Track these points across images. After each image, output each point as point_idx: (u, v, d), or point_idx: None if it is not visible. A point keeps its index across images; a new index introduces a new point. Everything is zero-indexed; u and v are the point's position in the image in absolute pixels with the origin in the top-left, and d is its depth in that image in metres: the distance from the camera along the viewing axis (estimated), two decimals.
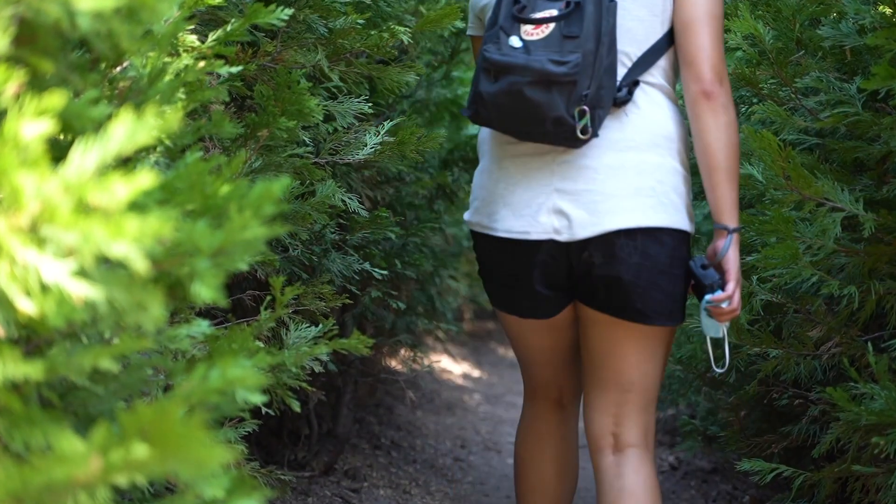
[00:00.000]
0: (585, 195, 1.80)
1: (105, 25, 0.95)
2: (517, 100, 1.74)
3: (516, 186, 1.86)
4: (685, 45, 1.81)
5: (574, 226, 1.80)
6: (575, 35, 1.73)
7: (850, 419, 1.74)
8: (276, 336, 1.77)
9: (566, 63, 1.72)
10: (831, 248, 1.88)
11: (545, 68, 1.71)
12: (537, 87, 1.73)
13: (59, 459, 0.75)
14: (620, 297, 1.82)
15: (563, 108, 1.72)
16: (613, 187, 1.80)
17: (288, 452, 2.89)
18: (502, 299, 1.96)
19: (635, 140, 1.82)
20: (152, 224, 0.78)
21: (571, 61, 1.71)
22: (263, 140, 1.72)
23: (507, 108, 1.76)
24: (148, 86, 1.18)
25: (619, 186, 1.80)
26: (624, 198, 1.79)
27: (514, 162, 1.87)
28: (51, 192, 0.79)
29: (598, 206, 1.79)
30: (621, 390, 1.88)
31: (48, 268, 0.80)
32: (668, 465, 3.51)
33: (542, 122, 1.74)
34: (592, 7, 1.74)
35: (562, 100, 1.72)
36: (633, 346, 1.87)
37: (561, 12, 1.74)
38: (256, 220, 0.92)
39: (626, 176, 1.80)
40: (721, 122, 1.79)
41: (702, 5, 1.80)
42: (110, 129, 0.82)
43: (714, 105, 1.79)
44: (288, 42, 1.92)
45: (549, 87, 1.72)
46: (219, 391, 0.87)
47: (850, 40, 1.97)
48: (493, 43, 1.77)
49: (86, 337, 0.97)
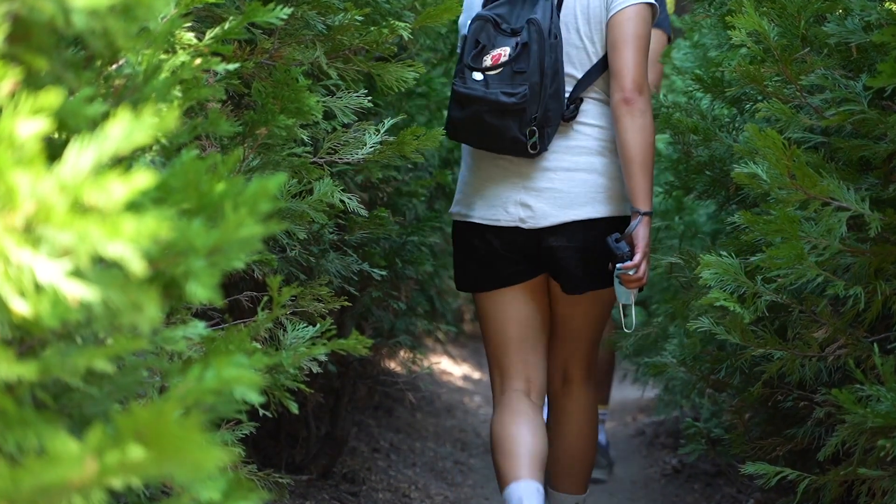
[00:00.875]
0: (547, 192, 2.32)
1: (100, 23, 0.95)
2: (479, 124, 2.25)
3: (490, 183, 2.37)
4: (613, 61, 2.27)
5: (537, 217, 2.33)
6: (523, 71, 2.22)
7: (855, 421, 1.74)
8: (274, 337, 1.78)
9: (516, 94, 2.21)
10: (837, 248, 1.88)
11: (499, 99, 2.21)
12: (494, 115, 2.23)
13: (53, 461, 0.76)
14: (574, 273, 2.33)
15: (516, 130, 2.23)
16: (569, 186, 2.32)
17: (286, 455, 2.90)
18: (478, 279, 2.43)
19: (587, 146, 2.33)
20: (149, 224, 0.79)
21: (520, 93, 2.21)
22: (261, 138, 1.72)
23: (473, 130, 2.27)
24: (144, 83, 1.19)
25: (573, 185, 2.32)
26: (577, 195, 2.31)
27: (490, 164, 2.37)
28: (46, 192, 0.79)
29: (557, 202, 2.31)
30: (573, 340, 2.47)
31: (43, 268, 0.80)
32: (672, 467, 3.52)
33: (502, 140, 2.25)
34: (537, 47, 2.22)
35: (514, 124, 2.22)
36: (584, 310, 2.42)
37: (511, 53, 2.23)
38: (252, 217, 0.92)
39: (579, 176, 2.32)
40: (637, 124, 2.25)
41: (628, 28, 2.27)
42: (107, 129, 0.82)
43: (632, 110, 2.25)
44: (286, 39, 1.92)
45: (503, 115, 2.22)
46: (215, 391, 0.88)
47: (856, 37, 1.97)
48: (460, 77, 2.26)
49: (80, 338, 0.97)
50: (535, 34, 2.23)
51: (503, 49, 2.25)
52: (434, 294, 3.73)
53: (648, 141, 2.26)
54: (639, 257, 2.23)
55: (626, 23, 2.29)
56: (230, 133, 1.49)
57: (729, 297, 1.99)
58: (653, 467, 3.64)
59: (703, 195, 2.63)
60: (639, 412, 4.64)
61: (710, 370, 2.58)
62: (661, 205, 3.73)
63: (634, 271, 2.23)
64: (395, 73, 2.06)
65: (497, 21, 2.28)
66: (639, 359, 3.80)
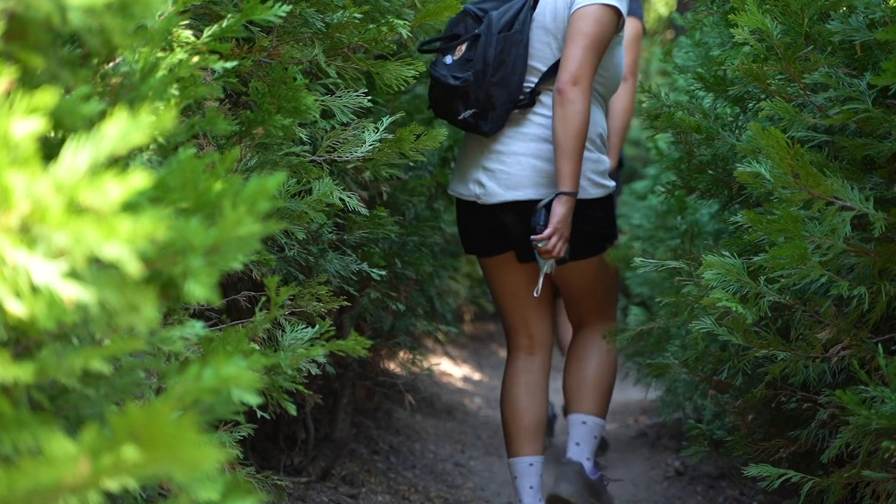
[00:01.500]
0: (498, 173, 2.64)
1: (97, 20, 0.95)
2: (438, 102, 2.61)
3: (463, 159, 2.73)
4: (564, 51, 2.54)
5: (488, 194, 2.64)
6: (470, 59, 2.56)
7: (860, 423, 1.75)
8: (272, 338, 1.78)
9: (460, 79, 2.55)
10: (841, 248, 1.88)
11: (447, 82, 2.56)
12: (446, 95, 2.57)
13: (48, 462, 0.76)
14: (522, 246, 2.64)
15: (462, 110, 2.56)
16: (515, 169, 2.62)
17: (284, 457, 2.90)
18: (470, 244, 2.80)
19: (537, 134, 2.62)
20: (145, 225, 0.79)
21: (463, 77, 2.54)
22: (259, 137, 1.72)
23: (437, 107, 2.63)
24: (140, 82, 1.19)
25: (520, 169, 2.62)
26: (522, 178, 2.61)
27: (467, 142, 2.74)
28: (42, 192, 0.79)
29: (503, 183, 2.63)
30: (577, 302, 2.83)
31: (38, 269, 0.80)
32: (674, 469, 3.52)
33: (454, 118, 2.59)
34: (484, 39, 2.53)
35: (461, 105, 2.56)
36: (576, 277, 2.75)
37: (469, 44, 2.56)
38: (251, 216, 0.92)
39: (526, 161, 2.62)
40: (566, 112, 2.50)
41: (579, 26, 2.53)
42: (104, 128, 0.83)
43: (563, 99, 2.50)
44: (284, 37, 1.92)
45: (453, 96, 2.56)
46: (212, 391, 0.88)
47: (861, 35, 1.97)
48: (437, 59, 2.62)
49: (77, 338, 0.97)
50: (485, 27, 2.56)
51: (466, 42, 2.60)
52: (434, 294, 3.73)
53: (574, 129, 2.51)
54: (548, 231, 2.52)
55: (579, 21, 2.55)
56: (228, 132, 1.49)
57: (731, 298, 1.99)
58: (655, 469, 3.64)
59: (706, 195, 2.63)
60: (641, 413, 4.64)
61: (712, 371, 2.58)
62: (663, 204, 3.73)
63: (544, 243, 2.52)
64: (394, 72, 2.06)
65: (478, 15, 2.61)
66: (641, 359, 3.80)
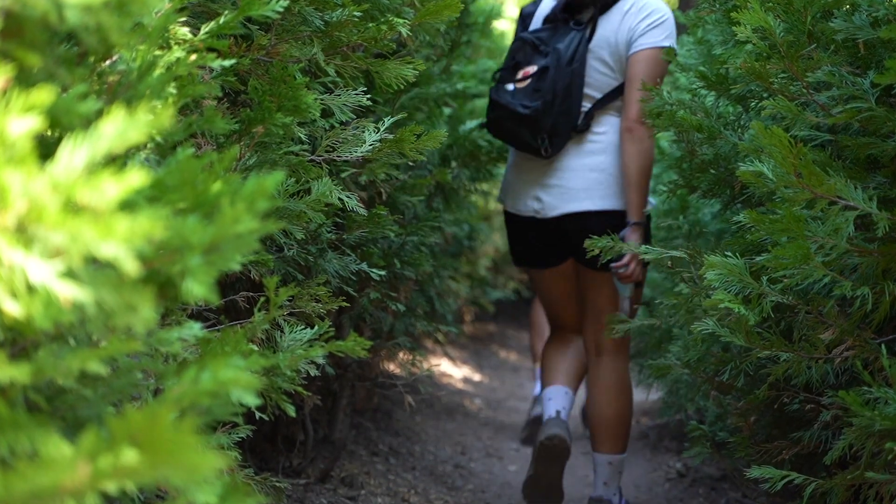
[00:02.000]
0: (556, 188, 2.89)
1: (93, 18, 0.95)
2: (501, 126, 2.88)
3: (518, 178, 2.97)
4: (625, 93, 2.83)
5: (546, 208, 2.90)
6: (539, 89, 2.79)
7: (863, 424, 1.74)
8: (271, 339, 1.78)
9: (530, 108, 2.79)
10: (844, 248, 1.88)
11: (516, 110, 2.80)
12: (512, 121, 2.82)
13: (45, 465, 0.76)
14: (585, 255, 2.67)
15: (528, 136, 2.82)
16: (573, 183, 2.87)
17: (283, 459, 2.90)
18: (520, 256, 3.07)
19: (591, 149, 2.88)
20: (143, 224, 0.79)
21: (534, 107, 2.78)
22: (258, 136, 1.72)
23: (498, 130, 2.91)
24: (138, 80, 1.19)
25: (575, 182, 2.87)
26: (579, 191, 2.86)
27: (521, 161, 2.97)
28: (38, 191, 0.79)
29: (561, 196, 2.88)
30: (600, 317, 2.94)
31: (35, 268, 0.80)
32: (676, 471, 3.51)
33: (518, 142, 2.87)
34: (554, 71, 2.79)
35: (527, 131, 2.80)
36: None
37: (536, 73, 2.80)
38: (249, 215, 0.92)
39: (580, 174, 2.87)
40: (636, 149, 2.80)
41: (639, 69, 2.82)
42: (101, 127, 0.82)
43: (633, 137, 2.81)
44: (283, 35, 1.92)
45: (519, 122, 2.81)
46: (211, 393, 0.88)
47: (864, 33, 1.97)
48: (497, 85, 2.87)
49: (73, 339, 0.97)
50: (554, 61, 2.80)
51: (532, 67, 2.84)
52: (434, 295, 3.73)
53: (644, 164, 2.82)
54: (626, 259, 2.78)
55: (639, 63, 2.84)
56: (226, 131, 1.49)
57: (734, 299, 1.98)
58: (657, 471, 3.64)
59: (708, 194, 2.63)
60: (642, 415, 4.64)
61: (714, 372, 2.57)
62: (665, 203, 3.73)
63: (624, 269, 2.78)
64: (393, 70, 2.06)
65: (536, 43, 2.86)
66: (642, 360, 3.80)
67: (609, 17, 2.88)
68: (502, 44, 5.43)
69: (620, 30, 2.86)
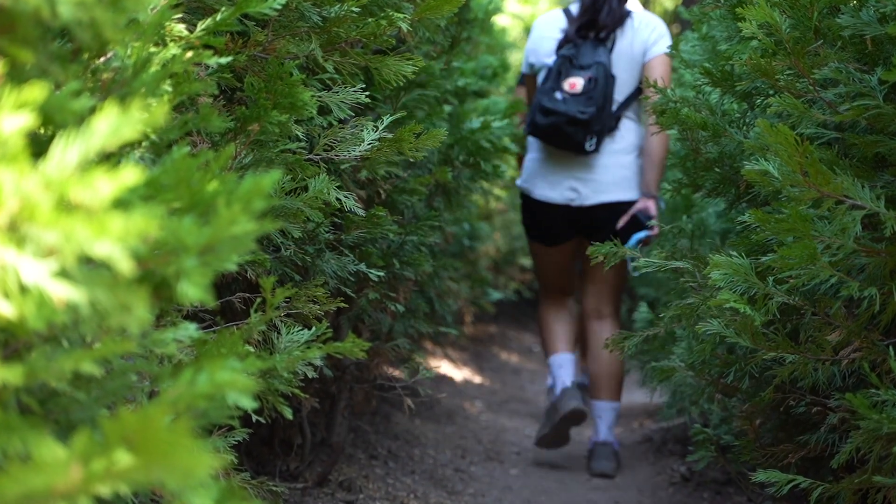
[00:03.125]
0: (589, 181, 3.66)
1: (87, 14, 0.95)
2: (557, 130, 3.54)
3: (551, 170, 3.70)
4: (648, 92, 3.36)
5: (582, 198, 3.67)
6: (592, 96, 3.50)
7: (870, 427, 1.74)
8: (267, 340, 1.78)
9: (586, 113, 3.50)
10: (851, 248, 1.88)
11: (574, 115, 3.50)
12: (569, 124, 3.51)
13: (38, 468, 0.76)
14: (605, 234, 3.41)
15: (581, 136, 3.53)
16: (604, 177, 3.66)
17: (280, 463, 2.90)
18: (537, 235, 3.83)
19: (619, 148, 3.68)
20: (137, 222, 0.79)
21: (589, 112, 3.50)
22: (254, 135, 1.72)
23: (552, 133, 3.55)
24: (132, 77, 1.19)
25: (607, 177, 3.66)
26: (610, 184, 3.66)
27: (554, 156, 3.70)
28: (30, 189, 0.79)
29: (596, 188, 3.66)
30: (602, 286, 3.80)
31: (28, 268, 0.80)
32: (680, 475, 3.51)
33: (569, 142, 3.55)
34: (603, 81, 3.52)
35: (581, 132, 3.52)
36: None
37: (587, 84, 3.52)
38: (246, 215, 0.92)
39: (612, 170, 3.66)
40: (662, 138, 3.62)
41: (657, 71, 3.61)
42: (93, 124, 0.82)
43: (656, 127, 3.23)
44: (280, 31, 1.92)
45: (576, 125, 3.51)
46: (207, 395, 0.88)
47: (871, 29, 1.97)
48: (547, 95, 3.54)
49: (67, 340, 0.97)
50: (601, 72, 3.53)
51: (576, 79, 3.53)
52: (434, 296, 3.73)
53: (664, 150, 3.65)
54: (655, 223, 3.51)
55: (656, 67, 3.64)
56: (222, 129, 1.49)
57: (739, 299, 1.98)
58: (660, 475, 3.64)
59: (713, 193, 2.63)
60: (646, 418, 4.63)
61: (719, 374, 2.58)
62: (669, 202, 3.73)
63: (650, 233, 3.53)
64: (393, 67, 2.06)
65: (571, 59, 3.58)
66: (645, 357, 3.80)
67: (623, 33, 3.66)
68: (503, 40, 5.43)
69: (635, 42, 3.66)
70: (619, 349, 2.82)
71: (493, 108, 3.82)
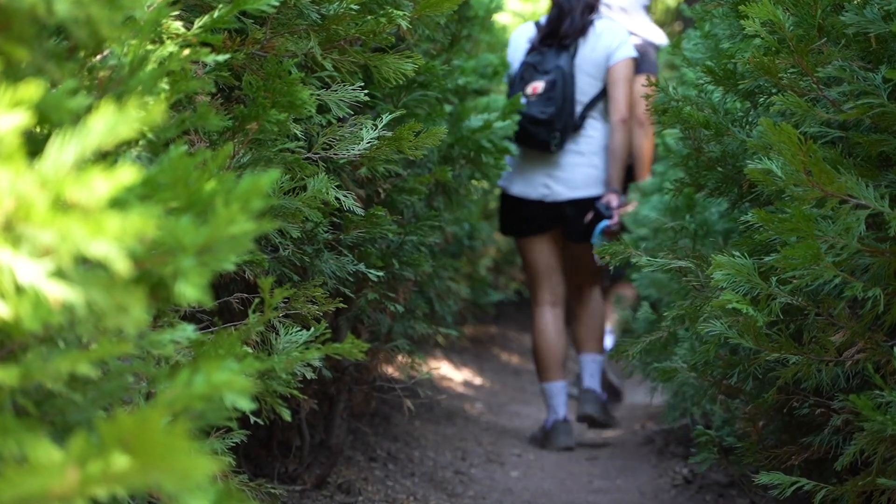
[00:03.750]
0: (560, 178, 4.11)
1: (84, 11, 0.95)
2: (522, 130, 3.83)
3: (527, 170, 4.14)
4: (611, 94, 4.11)
5: (554, 194, 4.12)
6: (552, 97, 3.95)
7: (875, 429, 1.74)
8: (266, 341, 1.78)
9: (546, 112, 3.94)
10: (855, 248, 1.88)
11: (535, 115, 3.94)
12: (531, 125, 3.94)
13: (34, 470, 0.76)
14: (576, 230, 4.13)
15: (545, 135, 3.98)
16: (573, 175, 4.11)
17: (278, 465, 2.89)
18: (516, 229, 4.27)
19: (586, 149, 4.13)
20: (134, 222, 0.79)
21: (549, 112, 3.94)
22: (252, 133, 1.72)
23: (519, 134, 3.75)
24: (129, 75, 1.19)
25: (576, 175, 4.11)
26: (578, 181, 4.10)
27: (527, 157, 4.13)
28: (26, 188, 0.79)
29: (566, 185, 4.10)
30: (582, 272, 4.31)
31: (23, 268, 0.80)
32: (682, 478, 3.51)
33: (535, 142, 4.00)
34: (561, 83, 3.96)
35: (544, 130, 3.96)
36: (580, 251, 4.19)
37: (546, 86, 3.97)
38: (244, 214, 0.92)
39: (581, 169, 4.11)
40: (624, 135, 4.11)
41: (620, 74, 4.11)
42: (90, 122, 0.82)
43: (623, 127, 4.11)
44: (278, 29, 1.92)
45: (538, 124, 3.95)
46: (204, 397, 0.88)
47: (876, 27, 1.97)
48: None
49: (63, 341, 0.97)
50: (559, 75, 3.96)
51: (538, 83, 3.98)
52: (433, 296, 3.73)
53: (626, 148, 4.13)
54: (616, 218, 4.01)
55: (619, 70, 4.11)
56: (220, 128, 1.49)
57: (742, 299, 1.98)
58: (662, 477, 3.64)
59: (715, 192, 2.63)
60: (647, 419, 4.64)
61: (722, 375, 2.57)
62: (671, 202, 3.73)
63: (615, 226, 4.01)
64: (392, 65, 2.06)
65: (535, 65, 4.03)
66: (647, 358, 3.80)
67: (585, 41, 4.09)
68: (504, 38, 5.43)
69: (598, 48, 4.09)
70: (623, 357, 2.82)
71: (494, 107, 3.81)
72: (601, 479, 3.70)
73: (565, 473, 3.78)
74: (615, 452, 4.09)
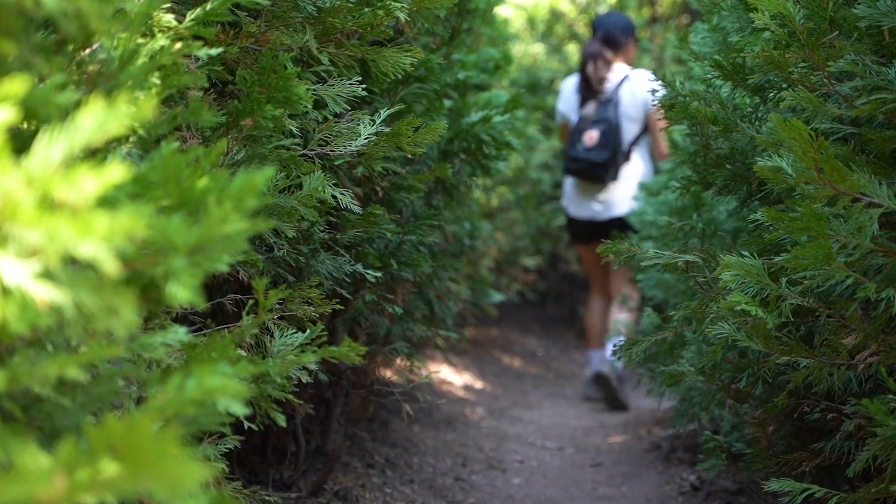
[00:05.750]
0: (607, 202, 5.35)
1: (72, 4, 0.95)
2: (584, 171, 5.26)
3: (580, 195, 5.42)
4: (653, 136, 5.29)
5: (602, 214, 5.35)
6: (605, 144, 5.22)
7: (888, 434, 1.74)
8: (260, 344, 1.78)
9: (603, 156, 5.20)
10: (868, 248, 1.88)
11: (595, 160, 5.22)
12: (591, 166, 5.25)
13: (20, 477, 0.76)
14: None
15: (602, 174, 5.22)
16: (615, 199, 5.34)
17: (273, 471, 2.90)
18: (576, 239, 5.54)
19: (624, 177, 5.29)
20: (123, 221, 0.79)
21: (604, 156, 5.20)
22: (247, 130, 1.72)
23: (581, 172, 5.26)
24: (119, 69, 1.19)
25: (618, 197, 5.33)
26: (619, 203, 5.33)
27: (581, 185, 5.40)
28: (12, 187, 0.79)
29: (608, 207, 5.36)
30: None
31: (10, 269, 0.80)
32: (690, 484, 3.51)
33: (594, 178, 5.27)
34: (613, 133, 5.23)
35: (601, 170, 5.22)
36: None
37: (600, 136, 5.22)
38: (237, 213, 0.92)
39: (619, 192, 5.33)
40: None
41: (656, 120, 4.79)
42: (78, 118, 0.82)
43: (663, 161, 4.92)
44: (273, 22, 1.92)
45: (596, 167, 5.23)
46: (196, 402, 0.88)
47: (889, 20, 1.97)
48: (573, 147, 5.28)
49: (51, 344, 0.97)
50: (609, 127, 5.18)
51: (593, 132, 5.18)
52: (433, 297, 3.73)
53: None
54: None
55: (654, 116, 4.98)
56: (213, 124, 1.49)
57: (751, 301, 1.98)
58: (669, 484, 3.64)
59: (724, 190, 2.63)
60: (654, 425, 4.64)
61: (730, 379, 2.57)
62: (678, 201, 3.72)
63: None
64: (391, 59, 2.06)
65: (587, 117, 5.22)
66: (654, 366, 3.80)
67: (624, 89, 5.20)
68: (505, 31, 5.46)
69: (636, 96, 5.19)
70: (625, 355, 2.85)
71: (495, 103, 3.81)
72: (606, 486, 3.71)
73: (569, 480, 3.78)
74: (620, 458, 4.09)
